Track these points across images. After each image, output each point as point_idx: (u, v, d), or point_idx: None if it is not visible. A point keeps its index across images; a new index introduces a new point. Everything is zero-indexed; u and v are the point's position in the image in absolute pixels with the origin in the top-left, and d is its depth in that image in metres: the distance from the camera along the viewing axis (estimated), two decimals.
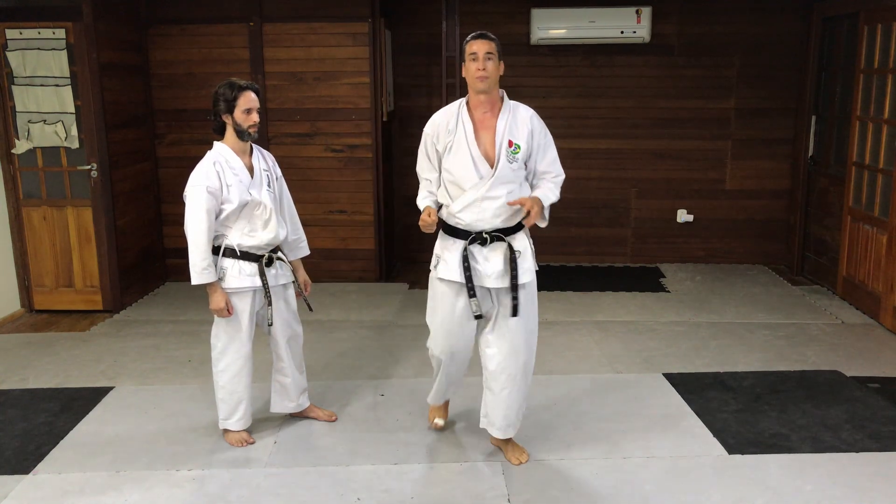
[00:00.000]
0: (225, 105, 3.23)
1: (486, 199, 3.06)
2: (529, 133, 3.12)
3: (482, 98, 3.09)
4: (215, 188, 3.21)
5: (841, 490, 3.06)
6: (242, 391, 3.45)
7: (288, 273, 3.49)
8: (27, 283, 5.44)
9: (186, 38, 5.87)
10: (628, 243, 6.76)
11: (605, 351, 4.62)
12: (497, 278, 3.10)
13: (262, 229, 3.32)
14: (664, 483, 3.13)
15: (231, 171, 3.25)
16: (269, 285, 3.36)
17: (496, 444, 3.40)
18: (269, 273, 3.37)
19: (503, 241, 3.11)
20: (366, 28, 5.75)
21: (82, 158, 5.29)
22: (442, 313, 3.22)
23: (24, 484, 3.17)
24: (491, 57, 3.03)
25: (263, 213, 3.32)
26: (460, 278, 3.10)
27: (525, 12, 6.29)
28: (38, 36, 5.13)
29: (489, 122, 3.11)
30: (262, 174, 3.36)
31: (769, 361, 4.43)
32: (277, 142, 5.92)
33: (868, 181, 5.33)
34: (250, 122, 3.26)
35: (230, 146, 3.30)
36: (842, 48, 5.86)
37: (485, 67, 3.01)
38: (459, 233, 3.14)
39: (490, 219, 3.08)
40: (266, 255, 3.36)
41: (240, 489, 3.12)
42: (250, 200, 3.27)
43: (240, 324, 3.36)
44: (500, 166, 3.05)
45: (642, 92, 6.47)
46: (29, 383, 4.22)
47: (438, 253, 3.22)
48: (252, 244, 3.32)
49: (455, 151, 3.09)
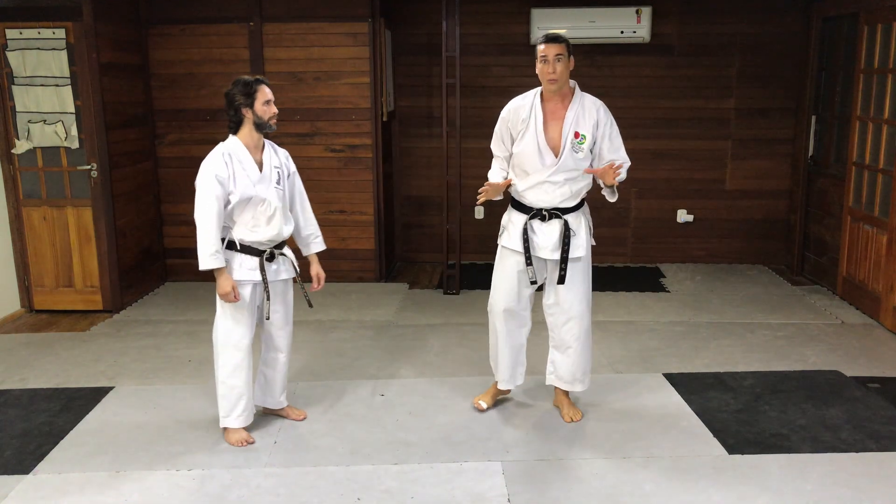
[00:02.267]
0: (244, 99, 3.27)
1: (547, 183, 3.43)
2: (595, 124, 3.43)
3: (553, 92, 3.42)
4: (224, 177, 3.26)
5: (841, 490, 3.06)
6: (242, 386, 3.45)
7: (290, 269, 3.50)
8: (27, 283, 5.44)
9: (186, 38, 5.87)
10: (628, 243, 6.76)
11: (605, 351, 4.62)
12: (552, 251, 3.49)
13: (265, 225, 3.34)
14: (664, 483, 3.13)
15: (239, 164, 3.28)
16: (268, 280, 3.37)
17: (557, 402, 3.77)
18: (269, 268, 3.40)
19: (560, 219, 3.48)
20: (366, 28, 5.75)
21: (82, 158, 5.29)
22: (502, 274, 3.62)
23: (24, 484, 3.17)
24: (561, 58, 3.37)
25: (267, 210, 3.33)
26: (520, 248, 3.50)
27: (525, 12, 6.30)
28: (38, 36, 5.13)
29: (559, 113, 3.43)
30: (271, 170, 3.37)
31: (769, 361, 4.43)
32: (277, 142, 5.88)
33: (868, 181, 5.33)
34: (271, 113, 3.32)
35: (243, 141, 3.33)
36: (842, 48, 5.86)
37: (554, 70, 3.35)
38: (523, 208, 3.53)
39: (550, 199, 3.46)
40: (268, 250, 3.38)
41: (240, 489, 3.12)
42: (254, 196, 3.29)
43: (239, 316, 3.37)
44: (564, 156, 3.40)
45: (642, 92, 6.47)
46: (29, 383, 4.22)
47: (504, 224, 3.63)
48: (254, 239, 3.34)
49: (525, 139, 3.42)
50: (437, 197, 6.55)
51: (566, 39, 3.39)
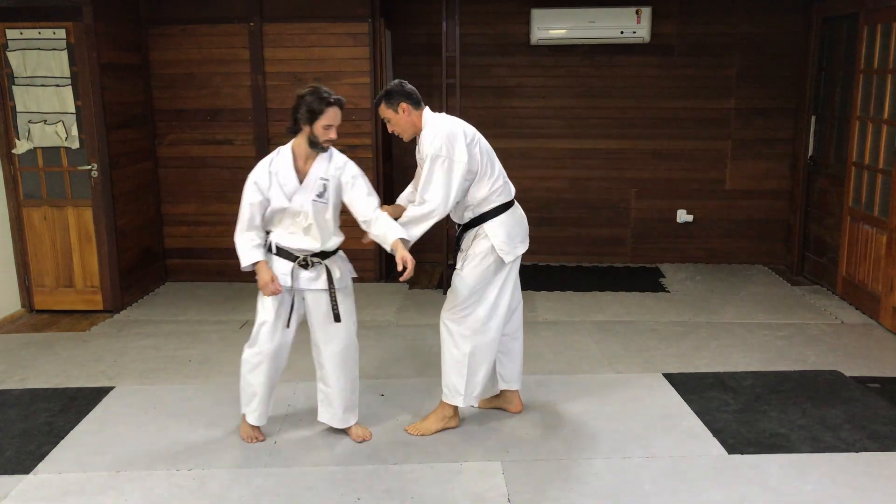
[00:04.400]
0: (308, 115, 3.17)
1: None
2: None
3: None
4: (264, 186, 3.25)
5: (841, 490, 3.06)
6: (257, 386, 3.44)
7: (325, 281, 3.36)
8: (27, 283, 5.44)
9: (186, 38, 5.87)
10: (628, 243, 6.76)
11: (605, 351, 4.62)
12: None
13: (302, 235, 3.31)
14: (664, 483, 3.13)
15: (279, 175, 3.25)
16: (297, 287, 3.33)
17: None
18: (302, 275, 3.33)
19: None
20: (366, 28, 5.76)
21: (83, 158, 5.29)
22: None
23: (24, 484, 3.17)
24: (388, 120, 3.41)
25: (304, 221, 3.28)
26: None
27: (525, 12, 6.29)
28: (39, 36, 5.13)
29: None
30: (315, 182, 3.27)
31: (769, 361, 4.43)
32: (277, 142, 5.88)
33: (868, 181, 5.33)
34: (327, 137, 3.22)
35: (295, 149, 3.28)
36: (842, 48, 5.86)
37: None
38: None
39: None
40: (302, 256, 3.33)
41: (240, 489, 3.12)
42: (288, 207, 3.26)
43: (267, 317, 3.36)
44: None
45: (642, 92, 6.47)
46: (29, 383, 4.22)
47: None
48: (289, 245, 3.32)
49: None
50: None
51: (381, 98, 3.38)
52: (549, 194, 6.65)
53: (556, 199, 6.67)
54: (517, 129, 6.51)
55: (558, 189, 6.65)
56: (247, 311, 5.42)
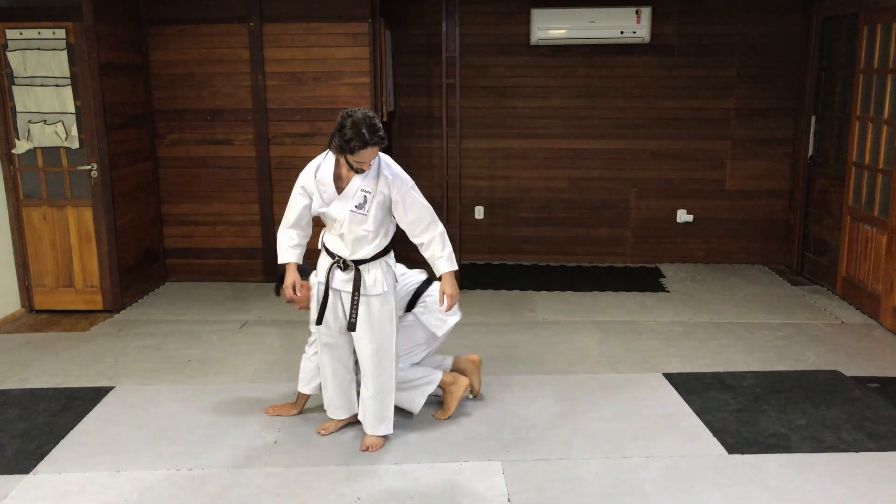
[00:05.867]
0: (342, 145, 3.12)
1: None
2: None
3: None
4: (309, 190, 3.34)
5: (841, 490, 3.06)
6: (322, 375, 3.57)
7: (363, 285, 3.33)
8: (27, 282, 5.44)
9: (186, 38, 5.87)
10: (628, 243, 6.76)
11: (605, 351, 4.62)
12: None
13: (338, 240, 3.34)
14: (664, 483, 3.13)
15: (323, 180, 3.30)
16: (333, 287, 3.37)
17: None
18: (338, 275, 3.36)
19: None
20: (366, 28, 5.75)
21: (82, 158, 5.29)
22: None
23: (24, 484, 3.17)
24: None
25: (339, 229, 3.31)
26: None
27: (525, 12, 6.29)
28: (39, 36, 5.13)
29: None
30: (356, 193, 3.25)
31: (769, 361, 4.43)
32: (277, 142, 5.92)
33: (868, 181, 5.33)
34: (359, 167, 3.19)
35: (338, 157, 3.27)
36: (842, 48, 5.86)
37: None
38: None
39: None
40: (339, 257, 3.34)
41: (240, 489, 3.12)
42: (325, 213, 3.31)
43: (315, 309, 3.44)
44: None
45: (642, 92, 6.47)
46: (29, 383, 4.22)
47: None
48: (330, 246, 3.39)
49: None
50: (436, 197, 6.53)
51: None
52: (549, 194, 6.66)
53: (556, 199, 6.67)
54: (517, 129, 6.50)
55: (558, 189, 6.66)
56: (247, 311, 5.42)
